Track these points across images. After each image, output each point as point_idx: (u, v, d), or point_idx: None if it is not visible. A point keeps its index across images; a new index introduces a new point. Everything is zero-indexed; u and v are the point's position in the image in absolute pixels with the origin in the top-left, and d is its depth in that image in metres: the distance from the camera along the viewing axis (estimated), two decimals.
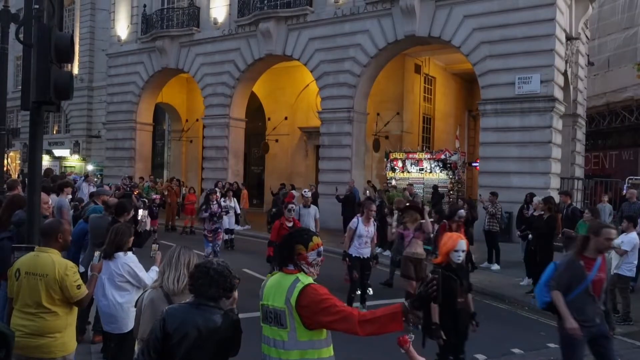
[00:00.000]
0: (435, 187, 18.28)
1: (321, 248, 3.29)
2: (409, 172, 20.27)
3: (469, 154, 26.25)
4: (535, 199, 11.35)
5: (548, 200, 10.36)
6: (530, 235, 10.87)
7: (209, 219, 11.45)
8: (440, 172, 19.59)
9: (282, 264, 3.28)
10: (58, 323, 4.14)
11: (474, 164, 25.24)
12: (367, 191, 18.04)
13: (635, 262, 8.86)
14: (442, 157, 19.68)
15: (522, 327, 8.29)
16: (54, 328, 4.12)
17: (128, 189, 16.20)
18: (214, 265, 3.21)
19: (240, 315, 3.32)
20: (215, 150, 23.96)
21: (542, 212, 10.55)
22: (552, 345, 7.43)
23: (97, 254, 4.88)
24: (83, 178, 16.63)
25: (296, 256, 3.23)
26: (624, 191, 16.11)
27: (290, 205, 9.25)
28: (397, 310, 2.94)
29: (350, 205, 17.09)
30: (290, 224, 9.04)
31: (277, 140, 26.89)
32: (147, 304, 3.78)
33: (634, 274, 9.10)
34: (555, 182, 16.70)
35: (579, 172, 20.99)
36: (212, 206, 11.64)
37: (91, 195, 9.09)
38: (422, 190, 18.64)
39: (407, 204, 9.40)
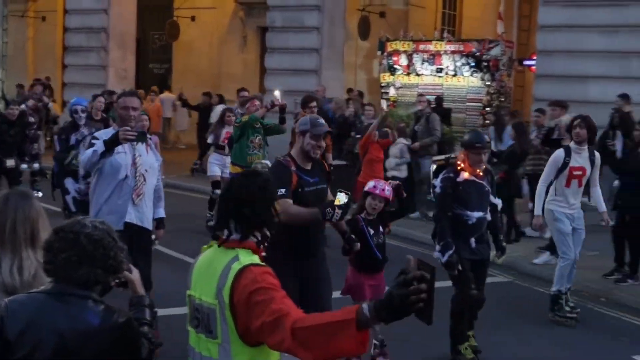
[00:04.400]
0: (439, 100, 18.44)
1: None
2: (418, 74, 20.25)
3: (519, 46, 26.35)
4: (565, 118, 11.43)
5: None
6: (616, 182, 11.14)
7: None
8: (472, 75, 19.62)
9: (220, 227, 3.43)
10: None
11: (527, 62, 25.38)
12: (350, 106, 18.04)
13: None
14: (475, 49, 19.73)
15: (593, 330, 8.66)
16: None
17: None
18: (87, 230, 3.23)
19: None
20: (87, 34, 23.62)
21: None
22: (638, 358, 7.85)
23: None
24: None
25: (264, 222, 3.41)
26: None
27: None
28: (349, 316, 2.84)
29: None
30: None
31: (193, 19, 26.61)
32: None
33: None
34: None
35: None
36: None
37: None
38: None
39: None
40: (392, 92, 19.96)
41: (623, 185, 10.81)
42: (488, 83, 19.45)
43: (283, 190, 5.92)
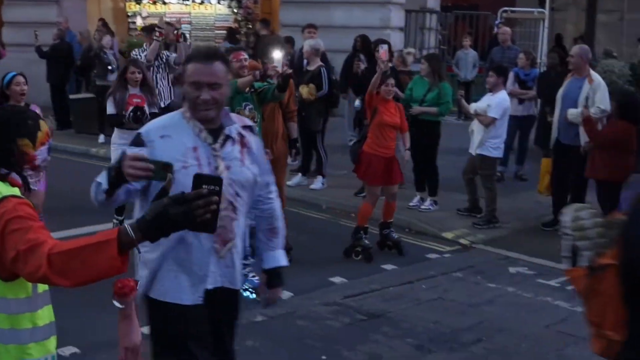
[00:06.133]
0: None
1: (51, 141, 3.38)
2: (165, 3, 20.05)
3: None
4: (307, 44, 11.75)
5: (381, 41, 11.15)
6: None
7: None
8: (219, 2, 19.68)
9: None
10: None
11: None
12: (97, 34, 17.48)
13: (504, 136, 10.11)
14: None
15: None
16: None
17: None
18: None
19: None
20: None
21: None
22: (387, 266, 8.37)
23: None
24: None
25: (17, 157, 3.27)
26: (495, 30, 17.82)
27: None
28: (109, 237, 2.82)
29: (62, 61, 16.53)
30: None
31: None
32: None
33: (502, 154, 10.39)
34: (397, 18, 17.91)
35: (432, 2, 22.61)
36: None
37: None
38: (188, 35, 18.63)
39: None
40: (139, 21, 19.65)
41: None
42: (235, 10, 19.62)
43: None
